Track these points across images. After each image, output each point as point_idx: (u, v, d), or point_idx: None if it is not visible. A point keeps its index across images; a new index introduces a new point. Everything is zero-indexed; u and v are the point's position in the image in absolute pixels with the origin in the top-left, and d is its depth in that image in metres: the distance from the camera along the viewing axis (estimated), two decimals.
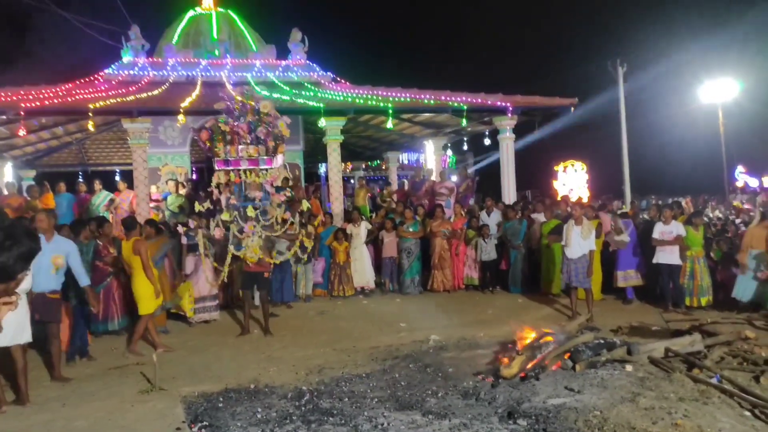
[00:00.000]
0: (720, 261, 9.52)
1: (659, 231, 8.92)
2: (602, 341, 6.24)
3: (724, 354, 6.18)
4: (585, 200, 31.50)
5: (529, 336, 6.40)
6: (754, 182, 31.09)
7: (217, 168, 7.81)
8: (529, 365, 5.82)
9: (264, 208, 7.91)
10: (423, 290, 10.64)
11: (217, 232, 7.84)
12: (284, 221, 8.18)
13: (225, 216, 7.79)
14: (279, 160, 8.09)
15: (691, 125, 30.81)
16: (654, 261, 8.96)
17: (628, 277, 9.54)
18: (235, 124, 7.69)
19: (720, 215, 23.50)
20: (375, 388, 5.58)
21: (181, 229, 8.23)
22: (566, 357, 6.03)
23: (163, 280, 8.07)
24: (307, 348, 7.28)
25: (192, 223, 8.29)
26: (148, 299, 7.13)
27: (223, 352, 7.24)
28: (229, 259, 7.89)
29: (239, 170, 7.81)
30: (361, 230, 10.54)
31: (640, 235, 9.67)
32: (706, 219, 19.49)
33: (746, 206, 25.11)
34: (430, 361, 6.44)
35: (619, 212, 10.99)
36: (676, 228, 8.86)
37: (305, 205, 9.02)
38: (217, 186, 7.93)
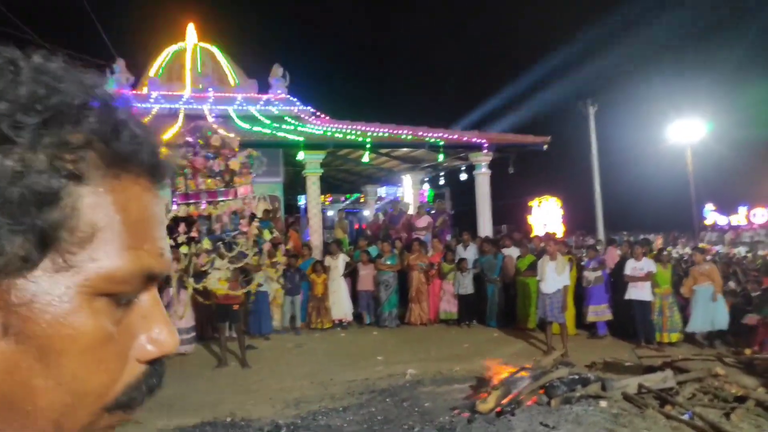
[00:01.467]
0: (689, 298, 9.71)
1: (631, 267, 9.08)
2: (577, 377, 6.27)
3: (695, 390, 6.25)
4: (560, 235, 31.98)
5: (505, 371, 6.41)
6: (723, 220, 31.87)
7: (178, 202, 7.70)
8: (505, 400, 5.82)
9: (230, 240, 7.74)
10: (400, 323, 10.60)
11: (200, 260, 7.69)
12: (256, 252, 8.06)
13: (184, 249, 7.60)
14: (241, 191, 7.98)
15: (661, 164, 31.62)
16: (626, 297, 9.09)
17: (599, 312, 9.62)
18: (193, 158, 7.62)
19: (689, 251, 24.06)
20: (352, 422, 5.53)
21: None
22: (541, 392, 6.05)
23: None
24: (285, 380, 7.19)
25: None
26: None
27: (200, 385, 7.09)
28: (190, 291, 7.75)
29: (199, 203, 7.67)
30: (339, 262, 10.52)
31: (610, 271, 9.84)
32: (676, 255, 19.99)
33: (715, 248, 25.71)
34: (407, 395, 6.40)
35: (588, 246, 11.16)
36: (647, 265, 9.04)
37: (267, 234, 8.83)
38: (174, 219, 7.77)
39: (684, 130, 28.35)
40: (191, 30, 17.60)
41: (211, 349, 8.83)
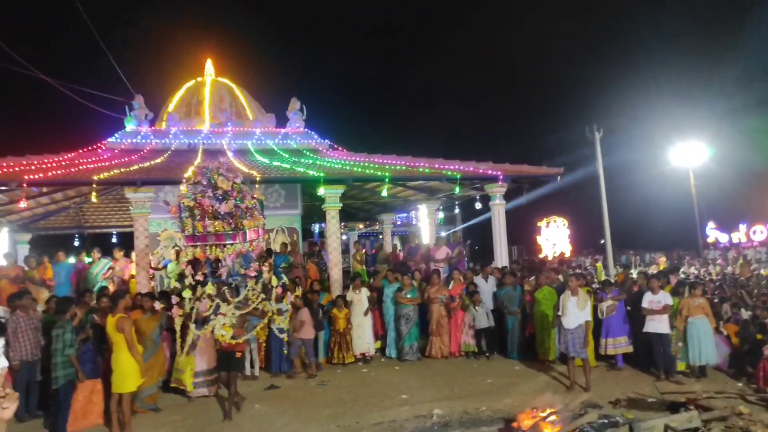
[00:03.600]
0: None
1: (648, 300, 8.99)
2: (606, 420, 6.16)
3: (721, 431, 6.13)
4: (567, 255, 31.87)
5: (533, 414, 6.31)
6: (723, 237, 31.78)
7: (186, 244, 7.57)
8: None
9: (237, 284, 7.55)
10: (421, 356, 10.49)
11: (174, 311, 7.43)
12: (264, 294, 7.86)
13: (187, 293, 7.36)
14: (251, 235, 7.65)
15: (665, 185, 31.67)
16: (644, 330, 8.99)
17: (617, 345, 9.49)
18: (201, 199, 7.32)
19: (695, 271, 23.85)
20: None
21: (158, 306, 7.91)
22: None
23: (160, 357, 7.84)
24: (310, 424, 7.07)
25: (175, 300, 7.98)
26: (129, 377, 6.73)
27: None
28: (189, 339, 7.48)
29: (205, 245, 7.38)
30: (362, 296, 10.45)
31: (628, 301, 9.72)
32: (683, 275, 19.81)
33: (720, 262, 25.53)
34: None
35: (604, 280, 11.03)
36: (664, 298, 8.95)
37: (275, 281, 8.49)
38: (188, 262, 7.63)
39: (686, 153, 28.45)
40: (209, 65, 17.81)
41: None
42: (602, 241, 22.74)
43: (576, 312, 8.31)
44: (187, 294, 7.36)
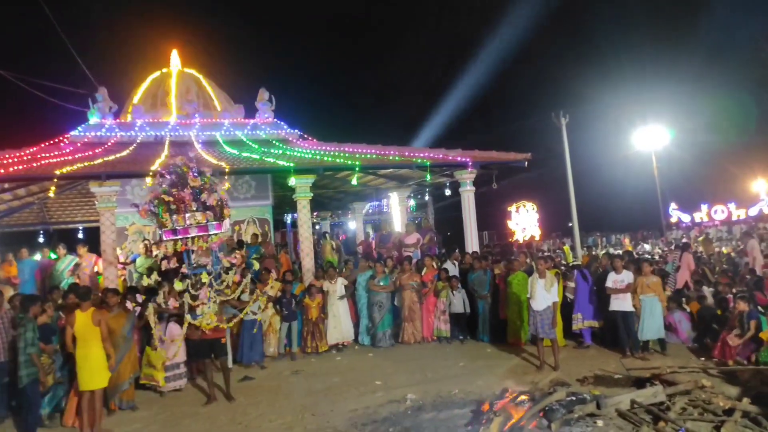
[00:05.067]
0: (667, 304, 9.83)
1: (612, 280, 9.16)
2: (574, 398, 6.26)
3: (685, 404, 6.29)
4: (537, 238, 32.33)
5: (504, 396, 6.38)
6: (686, 218, 32.63)
7: (165, 238, 7.52)
8: (507, 426, 5.79)
9: (217, 273, 7.64)
10: (395, 343, 10.51)
11: (172, 302, 7.51)
12: (237, 284, 7.91)
13: (178, 285, 7.46)
14: (227, 223, 7.83)
15: (629, 169, 32.33)
16: (610, 309, 9.16)
17: (586, 319, 9.69)
18: (179, 193, 7.37)
19: (659, 251, 24.46)
20: None
21: (129, 305, 7.85)
22: (541, 416, 6.02)
23: (132, 353, 7.71)
24: (285, 414, 7.01)
25: (140, 297, 7.93)
26: (99, 373, 6.67)
27: (197, 425, 6.88)
28: (185, 329, 7.52)
29: (187, 238, 7.44)
30: (338, 286, 10.39)
31: (595, 282, 9.89)
32: (647, 256, 20.28)
33: (684, 240, 26.20)
34: (409, 424, 6.31)
35: (572, 264, 11.20)
36: (627, 277, 9.13)
37: (256, 265, 8.73)
38: (165, 257, 7.62)
39: (649, 137, 29.06)
40: (175, 56, 17.36)
41: (198, 384, 8.53)
42: (570, 224, 23.11)
43: (544, 294, 8.42)
44: (179, 286, 7.41)
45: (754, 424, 5.69)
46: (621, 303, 9.05)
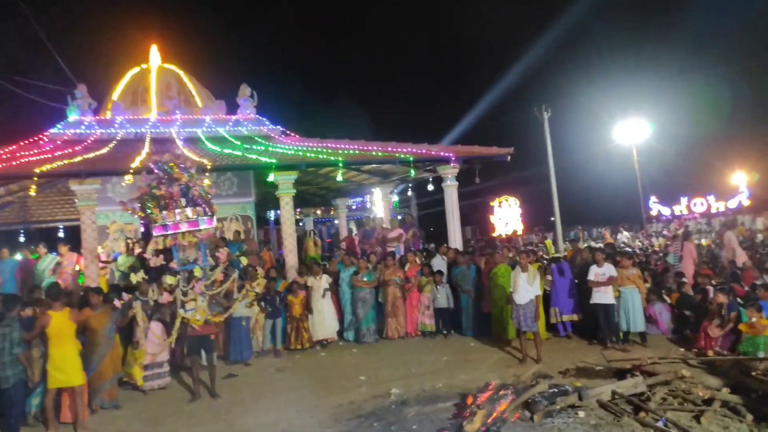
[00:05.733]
0: (647, 295, 9.93)
1: (594, 273, 9.22)
2: (556, 389, 6.30)
3: (665, 395, 6.36)
4: (519, 232, 32.52)
5: (488, 388, 6.39)
6: (666, 211, 33.04)
7: (155, 234, 7.47)
8: (490, 419, 5.80)
9: (207, 268, 7.64)
10: (379, 338, 10.49)
11: (165, 297, 7.46)
12: (221, 281, 7.89)
13: (170, 280, 7.43)
14: (214, 219, 7.88)
15: (611, 162, 32.60)
16: (591, 302, 9.22)
17: (565, 313, 9.77)
18: (167, 189, 7.40)
19: (640, 244, 24.75)
20: None
21: (117, 303, 7.77)
22: (524, 408, 6.05)
23: (115, 351, 7.60)
24: (269, 411, 6.97)
25: (126, 296, 7.85)
26: (79, 371, 6.67)
27: (181, 423, 6.80)
28: (178, 324, 7.48)
29: (177, 233, 7.44)
30: (322, 283, 10.33)
31: (576, 275, 9.95)
32: (629, 249, 20.49)
33: (665, 233, 26.55)
34: (393, 418, 6.31)
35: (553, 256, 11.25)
36: (609, 270, 9.19)
37: (245, 260, 8.81)
38: (155, 252, 7.60)
39: (629, 130, 29.36)
40: (154, 52, 17.10)
41: (185, 381, 8.44)
42: (552, 219, 23.28)
43: (527, 287, 8.45)
44: (171, 281, 7.41)
45: (734, 414, 5.76)
46: (602, 296, 9.11)
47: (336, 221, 21.02)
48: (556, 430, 5.63)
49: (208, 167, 10.44)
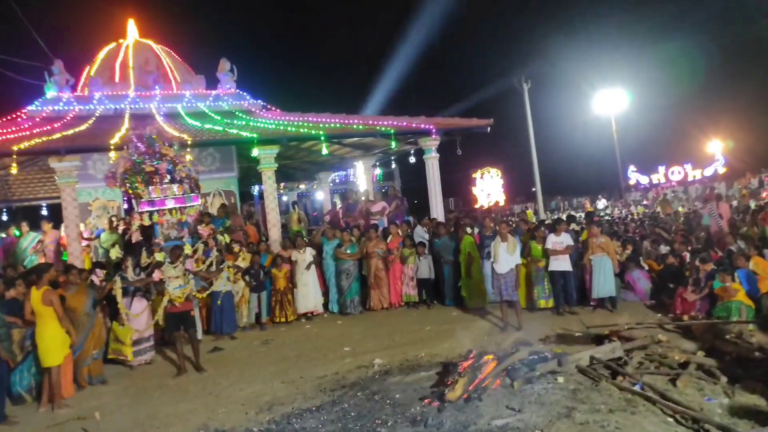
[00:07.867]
0: (625, 262, 9.98)
1: (552, 242, 9.28)
2: (536, 356, 6.30)
3: (642, 359, 6.39)
4: (502, 203, 32.59)
5: (469, 357, 6.37)
6: (644, 179, 33.24)
7: (140, 209, 7.29)
8: (471, 386, 5.78)
9: (196, 246, 7.58)
10: (363, 310, 10.45)
11: (156, 275, 7.35)
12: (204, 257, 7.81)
13: (159, 257, 7.30)
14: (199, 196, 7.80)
15: (589, 133, 32.60)
16: (549, 269, 9.30)
17: None
18: (155, 164, 7.25)
19: (619, 212, 24.93)
20: (326, 422, 5.36)
21: (96, 279, 7.59)
22: (504, 375, 6.04)
23: (97, 328, 7.45)
24: (255, 383, 6.91)
25: (101, 272, 7.68)
26: (56, 350, 6.45)
27: (168, 397, 6.72)
28: (165, 301, 7.38)
29: (164, 210, 7.33)
30: (306, 256, 10.21)
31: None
32: (608, 218, 20.62)
33: (645, 202, 26.74)
34: (377, 387, 6.27)
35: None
36: (566, 239, 9.25)
37: (226, 239, 8.72)
38: (139, 228, 7.47)
39: (608, 101, 29.27)
40: (131, 26, 16.53)
41: (166, 356, 8.36)
42: (533, 189, 23.32)
43: (507, 257, 8.41)
44: (160, 257, 7.30)
45: (709, 376, 5.80)
46: (560, 263, 9.19)
47: (319, 194, 20.81)
48: (536, 395, 5.61)
49: (189, 142, 10.18)
